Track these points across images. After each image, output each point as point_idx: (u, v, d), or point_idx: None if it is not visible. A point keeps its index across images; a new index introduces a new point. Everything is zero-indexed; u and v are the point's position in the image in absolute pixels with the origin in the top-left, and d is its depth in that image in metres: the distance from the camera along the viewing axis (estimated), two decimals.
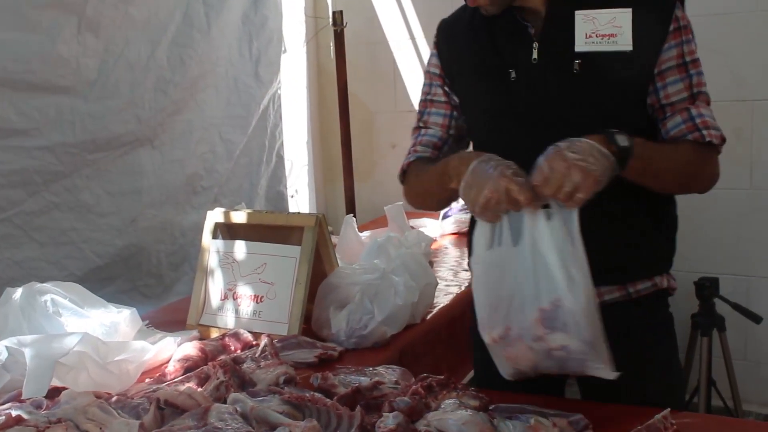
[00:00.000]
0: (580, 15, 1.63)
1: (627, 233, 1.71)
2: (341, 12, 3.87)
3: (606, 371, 1.47)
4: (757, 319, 3.14)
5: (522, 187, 1.44)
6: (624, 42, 1.60)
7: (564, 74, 1.64)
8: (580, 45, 1.62)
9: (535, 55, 1.67)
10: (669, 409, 1.42)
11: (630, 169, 1.51)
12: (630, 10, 1.60)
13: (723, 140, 1.66)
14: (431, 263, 2.69)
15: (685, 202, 3.71)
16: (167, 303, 2.98)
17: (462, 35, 1.81)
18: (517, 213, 1.46)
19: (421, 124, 1.88)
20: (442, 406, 1.44)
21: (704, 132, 1.62)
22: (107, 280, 2.90)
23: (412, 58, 4.10)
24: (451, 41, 1.84)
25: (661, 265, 1.78)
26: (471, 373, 2.52)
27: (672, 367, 1.83)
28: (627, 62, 1.61)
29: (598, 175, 1.43)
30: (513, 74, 1.68)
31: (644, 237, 1.73)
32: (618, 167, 1.48)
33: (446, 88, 1.84)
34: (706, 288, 3.18)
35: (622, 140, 1.48)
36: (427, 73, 1.90)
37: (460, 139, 1.87)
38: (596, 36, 1.61)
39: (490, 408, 1.47)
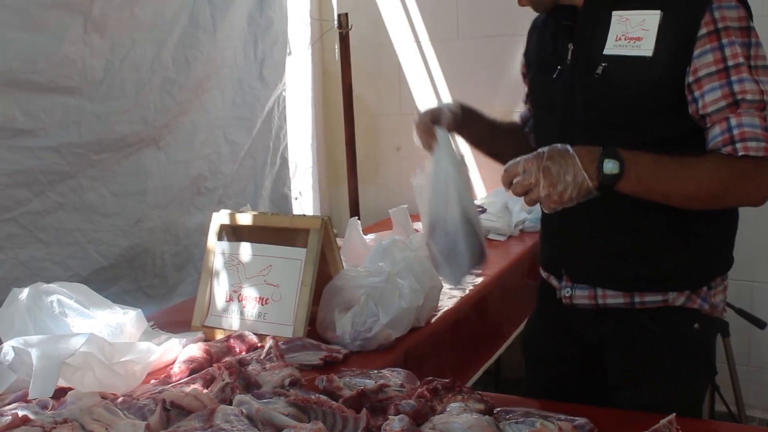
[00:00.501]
0: (616, 16, 1.60)
1: (639, 243, 1.68)
2: (346, 15, 3.88)
3: (447, 279, 1.95)
4: (761, 324, 3.13)
5: (420, 127, 1.83)
6: (647, 47, 1.55)
7: (588, 77, 1.63)
8: (609, 48, 1.60)
9: (569, 56, 1.68)
10: (674, 414, 1.41)
11: (622, 190, 1.51)
12: (659, 12, 1.54)
13: (766, 151, 1.50)
14: None
15: None
16: (171, 304, 2.99)
17: (537, 31, 1.89)
18: None
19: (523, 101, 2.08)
20: (448, 410, 1.44)
21: (738, 145, 1.50)
22: (111, 281, 2.90)
23: (417, 61, 4.10)
24: (531, 37, 1.92)
25: (679, 283, 1.69)
26: (476, 377, 2.53)
27: (682, 387, 1.73)
28: (646, 68, 1.55)
29: (565, 198, 1.47)
30: (555, 74, 1.72)
31: (658, 250, 1.68)
32: (598, 192, 1.49)
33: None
34: None
35: (612, 167, 1.47)
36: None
37: None
38: (625, 39, 1.58)
39: (495, 411, 1.48)
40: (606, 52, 1.60)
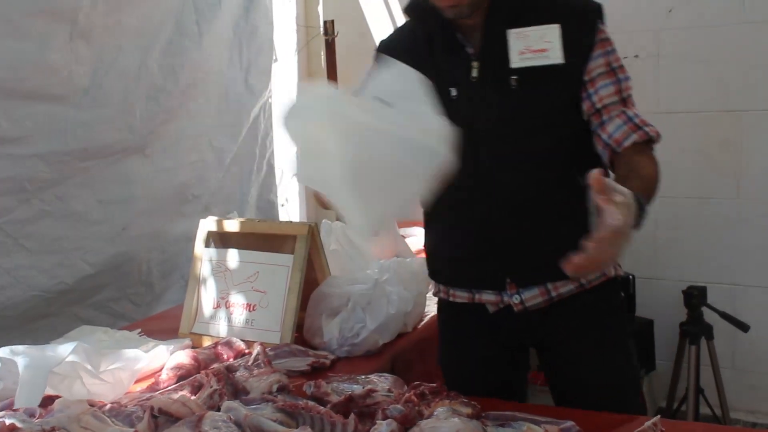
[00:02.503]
0: (512, 33, 1.71)
1: (576, 230, 1.64)
2: (332, 21, 3.89)
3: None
4: (744, 327, 3.17)
5: None
6: (555, 56, 1.69)
7: (503, 90, 1.72)
8: (515, 61, 1.71)
9: (474, 73, 1.74)
10: (659, 416, 1.44)
11: None
12: (558, 25, 1.69)
13: (659, 136, 1.73)
14: None
15: (673, 212, 3.75)
16: (158, 311, 2.98)
17: (402, 56, 1.81)
18: None
19: None
20: (435, 414, 1.45)
21: (646, 129, 1.70)
22: (97, 288, 2.90)
23: None
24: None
25: None
26: None
27: (628, 349, 1.91)
28: (559, 74, 1.69)
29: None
30: (454, 92, 1.75)
31: (590, 231, 1.75)
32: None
33: None
34: (694, 297, 3.21)
35: (643, 223, 1.46)
36: None
37: None
38: (529, 52, 1.70)
39: (482, 415, 1.49)
40: (514, 65, 1.71)
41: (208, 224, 2.23)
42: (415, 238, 3.35)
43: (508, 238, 1.78)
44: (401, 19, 4.03)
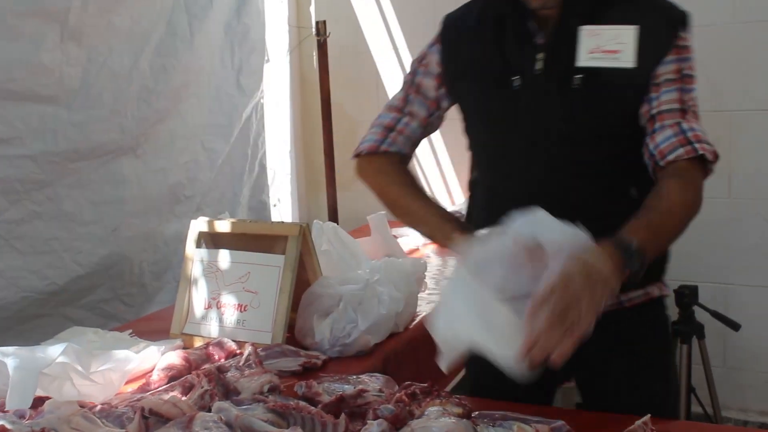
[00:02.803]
0: (584, 30, 1.62)
1: None
2: (324, 22, 3.89)
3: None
4: (735, 326, 3.17)
5: None
6: (627, 59, 1.59)
7: (564, 87, 1.63)
8: (583, 60, 1.61)
9: (539, 65, 1.65)
10: (649, 415, 1.43)
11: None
12: (635, 27, 1.59)
13: (716, 156, 1.60)
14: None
15: None
16: (149, 312, 2.98)
17: (468, 34, 1.78)
18: None
19: (406, 110, 1.86)
20: (426, 414, 1.45)
21: (696, 145, 1.57)
22: (89, 289, 2.89)
23: (395, 68, 4.12)
24: (458, 38, 1.80)
25: (653, 276, 1.74)
26: (454, 381, 2.54)
27: (669, 371, 1.85)
28: (628, 79, 1.60)
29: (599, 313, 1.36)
30: (516, 82, 1.67)
31: None
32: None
33: (441, 89, 1.82)
34: (686, 296, 3.21)
35: (636, 265, 1.42)
36: (421, 62, 1.86)
37: (426, 135, 1.90)
38: (599, 52, 1.60)
39: (473, 415, 1.49)
40: (581, 64, 1.61)
41: (199, 225, 2.22)
42: (407, 238, 3.36)
43: None
44: (392, 19, 4.07)
